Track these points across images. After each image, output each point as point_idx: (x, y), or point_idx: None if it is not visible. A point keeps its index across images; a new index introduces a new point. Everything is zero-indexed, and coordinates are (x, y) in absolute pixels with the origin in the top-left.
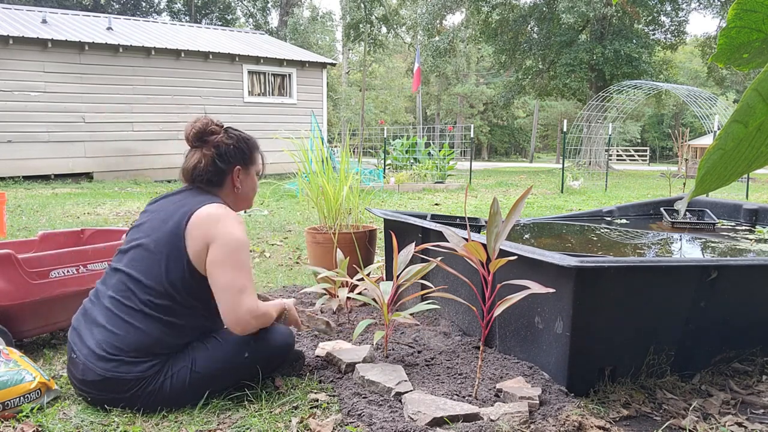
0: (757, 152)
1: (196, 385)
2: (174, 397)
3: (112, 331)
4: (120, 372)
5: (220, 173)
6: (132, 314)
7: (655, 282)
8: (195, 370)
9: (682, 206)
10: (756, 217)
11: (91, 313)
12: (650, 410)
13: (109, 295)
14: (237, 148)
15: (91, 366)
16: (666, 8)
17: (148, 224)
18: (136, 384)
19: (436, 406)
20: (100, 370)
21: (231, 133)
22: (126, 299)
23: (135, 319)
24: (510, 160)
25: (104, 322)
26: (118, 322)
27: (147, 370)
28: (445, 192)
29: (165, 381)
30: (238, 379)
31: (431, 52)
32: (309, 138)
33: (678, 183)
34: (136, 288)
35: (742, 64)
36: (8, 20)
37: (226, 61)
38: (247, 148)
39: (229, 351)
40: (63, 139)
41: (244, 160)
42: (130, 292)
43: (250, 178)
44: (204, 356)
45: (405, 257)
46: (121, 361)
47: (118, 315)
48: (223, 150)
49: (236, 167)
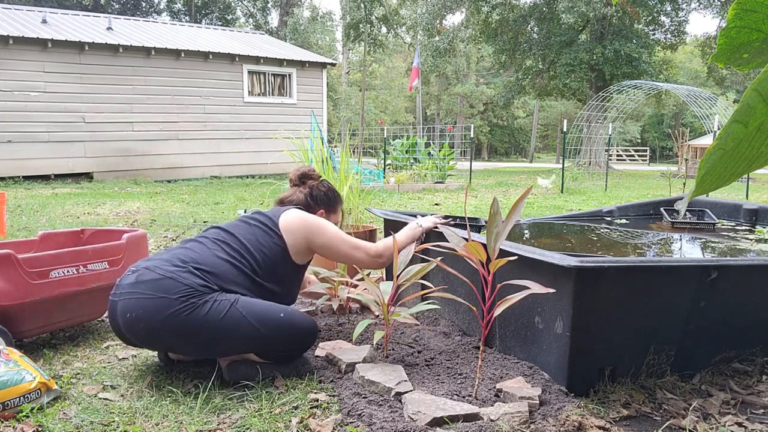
0: (757, 152)
1: (230, 320)
2: (208, 322)
3: (194, 252)
4: (179, 276)
5: (307, 208)
6: (217, 251)
7: (656, 282)
8: (236, 306)
9: (683, 206)
10: (756, 217)
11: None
12: (650, 410)
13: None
14: (326, 196)
15: (153, 268)
16: (666, 8)
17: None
18: (185, 293)
19: (436, 406)
20: (162, 271)
21: (325, 183)
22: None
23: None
24: (510, 160)
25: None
26: (203, 250)
27: (200, 286)
28: (445, 192)
29: (207, 302)
30: (262, 340)
31: (431, 52)
32: (309, 138)
33: (678, 183)
34: (229, 239)
35: (742, 64)
36: (8, 20)
37: (226, 61)
38: (334, 199)
39: (269, 307)
40: (63, 139)
41: (329, 207)
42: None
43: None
44: (246, 300)
45: (405, 257)
46: (184, 269)
47: (206, 246)
48: (315, 193)
49: (320, 209)
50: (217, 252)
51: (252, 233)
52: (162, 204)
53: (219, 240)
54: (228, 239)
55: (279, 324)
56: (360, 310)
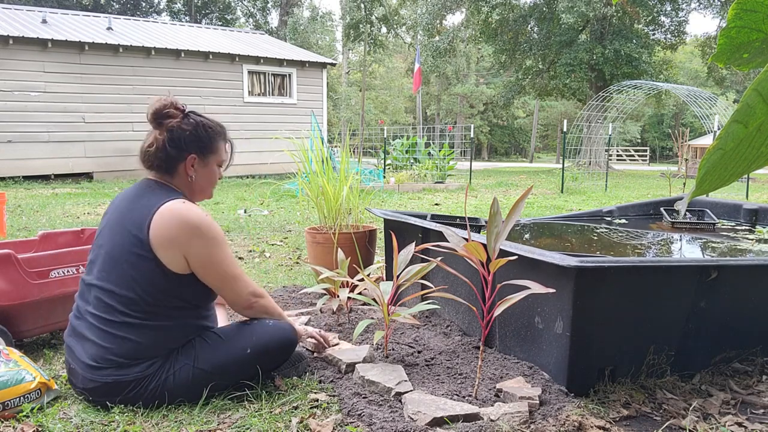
0: (757, 152)
1: (199, 381)
2: (177, 393)
3: (102, 346)
4: (118, 375)
5: (170, 159)
6: (118, 327)
7: (656, 282)
8: (197, 366)
9: (683, 206)
10: (756, 217)
11: (79, 329)
12: (650, 410)
13: (90, 311)
14: (194, 135)
15: (89, 376)
16: (666, 8)
17: (108, 229)
18: (138, 384)
19: (436, 406)
20: (100, 377)
21: (192, 118)
22: (107, 314)
23: (121, 332)
24: (510, 160)
25: (92, 337)
26: (105, 336)
27: (146, 369)
28: (445, 192)
29: (168, 378)
30: (241, 375)
31: (431, 52)
32: (309, 138)
33: (678, 183)
34: (113, 301)
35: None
36: (8, 20)
37: (226, 61)
38: (207, 137)
39: (231, 346)
40: (63, 139)
41: (201, 149)
42: (108, 307)
43: (207, 169)
44: (206, 352)
45: (405, 257)
46: (119, 365)
47: (104, 330)
48: (176, 135)
49: (190, 155)
50: (120, 329)
51: (128, 274)
52: None
53: (108, 309)
54: (112, 301)
55: (251, 358)
56: (360, 310)
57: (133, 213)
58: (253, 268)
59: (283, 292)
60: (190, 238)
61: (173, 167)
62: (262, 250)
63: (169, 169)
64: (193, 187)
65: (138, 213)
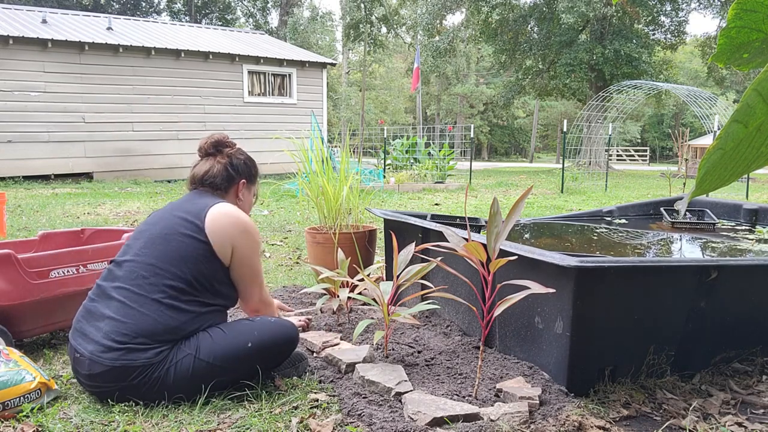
0: (757, 152)
1: (199, 373)
2: (178, 385)
3: (121, 320)
4: (127, 359)
5: (229, 180)
6: (145, 303)
7: (656, 282)
8: (199, 357)
9: (683, 206)
10: (756, 217)
11: (95, 310)
12: (650, 410)
13: (117, 286)
14: (246, 164)
15: (98, 359)
16: (666, 8)
17: (160, 223)
18: (143, 371)
19: (436, 406)
20: (108, 361)
21: (241, 150)
22: (137, 287)
23: (147, 309)
24: (510, 160)
25: (112, 313)
26: (127, 311)
27: (154, 356)
28: (445, 192)
29: (170, 368)
30: (241, 370)
31: (431, 52)
32: (309, 138)
33: (678, 183)
34: (150, 273)
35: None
36: (8, 20)
37: (226, 61)
38: (254, 168)
39: (233, 339)
40: (63, 139)
41: (249, 177)
42: (141, 279)
43: (250, 195)
44: (208, 344)
45: (405, 257)
46: (128, 349)
47: (129, 305)
48: (235, 161)
49: (242, 180)
50: (145, 305)
51: (176, 251)
52: (162, 204)
53: (141, 283)
54: (149, 274)
55: (252, 353)
56: (360, 310)
57: (188, 206)
58: None
59: (283, 292)
60: (241, 233)
61: (229, 187)
62: (262, 250)
63: (225, 188)
64: (239, 207)
65: (193, 206)
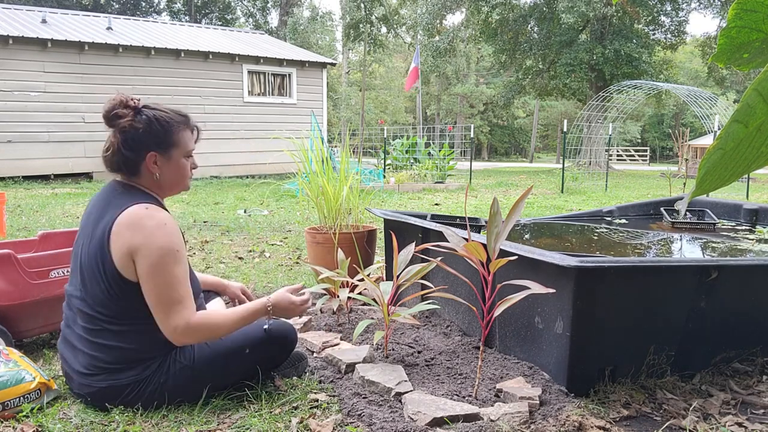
0: (757, 152)
1: (198, 382)
2: (177, 395)
3: (92, 354)
4: (113, 380)
5: (129, 162)
6: (103, 336)
7: (656, 282)
8: (196, 368)
9: (683, 206)
10: (756, 217)
11: (69, 339)
12: (650, 410)
13: (78, 322)
14: (148, 133)
15: (84, 382)
16: (666, 8)
17: (82, 238)
18: (135, 387)
19: (436, 406)
20: (94, 383)
21: (145, 114)
22: (89, 323)
23: (108, 340)
24: (510, 160)
25: (81, 347)
26: (93, 346)
27: (142, 372)
28: (445, 192)
29: (166, 380)
30: (240, 375)
31: (431, 52)
32: (309, 138)
33: (678, 183)
34: (91, 311)
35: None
36: (8, 20)
37: (226, 61)
38: (164, 131)
39: (230, 346)
40: (63, 139)
41: (160, 145)
42: (89, 317)
43: (173, 163)
44: (204, 353)
45: (405, 257)
46: (111, 372)
47: (91, 340)
48: (130, 135)
49: (150, 153)
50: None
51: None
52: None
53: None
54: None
55: (251, 358)
56: (360, 310)
57: (100, 220)
58: (253, 268)
59: None
60: (139, 239)
61: (135, 168)
62: (262, 250)
63: (132, 171)
64: (161, 183)
65: (103, 220)
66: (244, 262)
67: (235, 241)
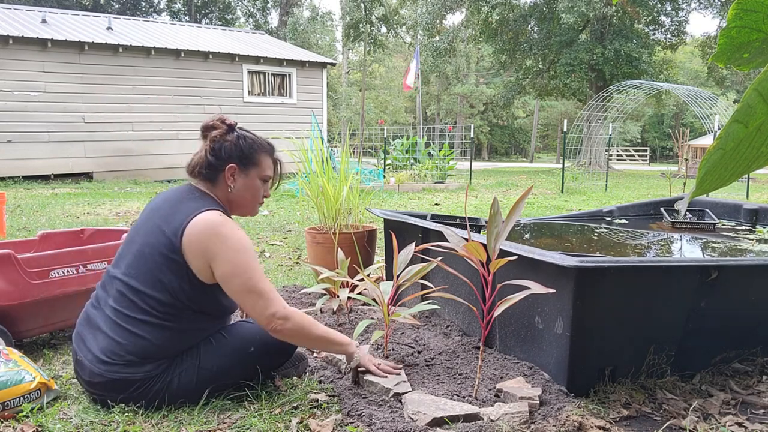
0: (757, 152)
1: (203, 381)
2: (182, 394)
3: (115, 340)
4: (126, 373)
5: (211, 168)
6: (134, 324)
7: (656, 282)
8: (202, 366)
9: (683, 206)
10: (756, 217)
11: (94, 319)
12: (650, 410)
13: (110, 304)
14: (235, 146)
15: (96, 370)
16: (666, 8)
17: (144, 228)
18: (144, 383)
19: (436, 406)
20: (107, 373)
21: (236, 131)
22: (127, 309)
23: (138, 329)
24: (510, 160)
25: (107, 330)
26: (120, 331)
27: (153, 369)
28: (445, 192)
29: (173, 379)
30: (244, 374)
31: (431, 52)
32: (309, 138)
33: (678, 183)
34: (136, 297)
35: (743, 64)
36: (8, 20)
37: (226, 61)
38: (248, 148)
39: (236, 345)
40: (63, 139)
41: (242, 160)
42: (130, 302)
43: (248, 181)
44: (210, 353)
45: (405, 257)
46: (127, 363)
47: (121, 324)
48: (218, 145)
49: (230, 165)
50: (134, 325)
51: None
52: None
53: (128, 304)
54: (134, 296)
55: (255, 357)
56: (360, 310)
57: (171, 217)
58: None
59: (283, 292)
60: (215, 246)
61: (214, 176)
62: (262, 250)
63: (210, 178)
64: (233, 198)
65: (175, 217)
66: None
67: None
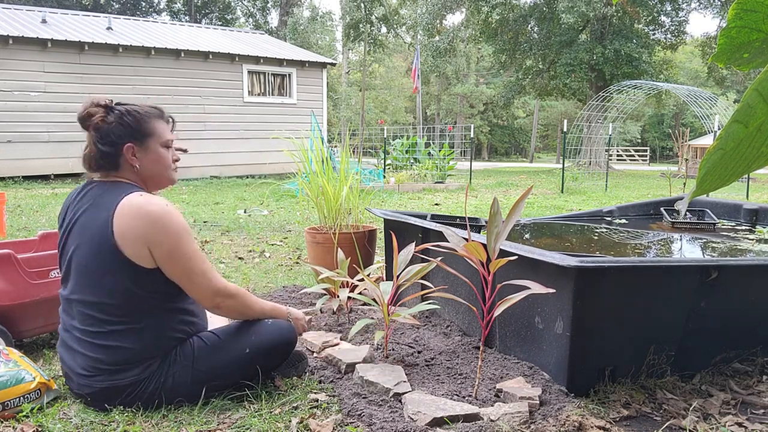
0: (757, 152)
1: (198, 382)
2: (177, 395)
3: (91, 356)
4: (114, 380)
5: (108, 157)
6: (103, 337)
7: (656, 282)
8: (196, 368)
9: (683, 206)
10: (756, 217)
11: (68, 342)
12: (650, 410)
13: (75, 325)
14: (121, 125)
15: (83, 382)
16: (666, 8)
17: (73, 239)
18: (136, 387)
19: (436, 406)
20: (94, 383)
21: (116, 110)
22: (90, 326)
23: (108, 340)
24: (510, 160)
25: (81, 349)
26: (93, 348)
27: (142, 372)
28: (445, 192)
29: (167, 379)
30: (240, 375)
31: (431, 52)
32: (309, 138)
33: (678, 183)
34: (94, 311)
35: (743, 64)
36: (8, 20)
37: (226, 61)
38: (135, 122)
39: (230, 347)
40: (63, 139)
41: (134, 136)
42: (92, 318)
43: (151, 153)
44: (204, 354)
45: (405, 257)
46: (111, 372)
47: (91, 342)
48: (103, 131)
49: (126, 145)
50: (103, 338)
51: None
52: None
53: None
54: (92, 311)
55: (250, 358)
56: (360, 310)
57: (94, 220)
58: (253, 268)
59: (283, 292)
60: (151, 229)
61: (115, 163)
62: (262, 250)
63: (111, 166)
64: (144, 175)
65: (99, 219)
66: (244, 262)
67: (235, 241)
